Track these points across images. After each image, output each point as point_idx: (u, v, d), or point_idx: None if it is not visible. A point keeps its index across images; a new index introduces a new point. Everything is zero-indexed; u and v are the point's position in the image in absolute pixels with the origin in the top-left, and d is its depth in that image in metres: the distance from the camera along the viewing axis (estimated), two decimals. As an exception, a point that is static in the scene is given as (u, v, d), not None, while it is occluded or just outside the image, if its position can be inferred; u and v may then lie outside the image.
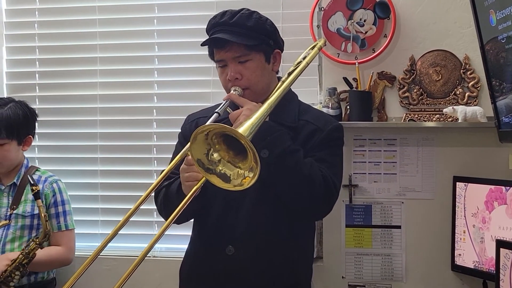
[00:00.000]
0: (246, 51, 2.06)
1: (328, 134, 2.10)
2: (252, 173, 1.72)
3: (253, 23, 2.07)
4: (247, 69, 2.08)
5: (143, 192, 3.12)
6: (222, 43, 2.06)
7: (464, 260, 2.76)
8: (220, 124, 1.75)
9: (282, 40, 2.23)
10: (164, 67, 3.27)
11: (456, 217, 2.79)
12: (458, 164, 2.87)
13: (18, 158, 2.89)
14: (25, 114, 2.88)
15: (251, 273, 2.08)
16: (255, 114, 1.83)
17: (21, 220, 2.81)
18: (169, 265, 3.01)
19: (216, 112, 1.97)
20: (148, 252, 1.82)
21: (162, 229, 1.87)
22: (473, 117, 2.71)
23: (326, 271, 2.97)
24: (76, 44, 3.33)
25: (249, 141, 1.67)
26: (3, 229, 2.81)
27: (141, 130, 3.27)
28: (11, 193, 2.87)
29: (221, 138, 1.79)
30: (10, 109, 2.82)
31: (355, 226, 2.98)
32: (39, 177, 2.92)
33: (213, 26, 2.11)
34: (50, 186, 2.90)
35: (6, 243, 2.78)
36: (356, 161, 2.96)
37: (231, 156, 1.80)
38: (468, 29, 2.81)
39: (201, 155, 1.79)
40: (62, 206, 2.92)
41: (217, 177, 1.79)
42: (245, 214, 2.08)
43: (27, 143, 2.91)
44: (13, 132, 2.80)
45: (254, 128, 1.76)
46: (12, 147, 2.82)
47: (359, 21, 2.92)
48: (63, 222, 2.90)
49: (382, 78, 2.91)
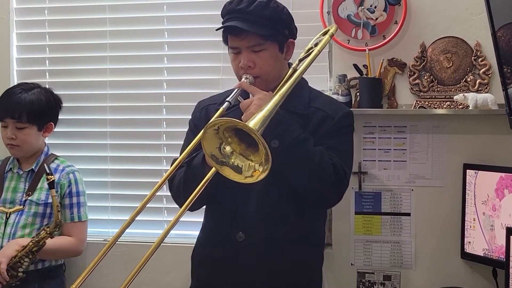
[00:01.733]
0: (261, 41, 2.06)
1: (338, 121, 2.11)
2: (263, 167, 1.72)
3: (270, 12, 2.06)
4: (260, 58, 2.08)
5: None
6: (237, 31, 2.05)
7: (473, 248, 2.75)
8: (230, 118, 1.74)
9: (296, 29, 2.22)
10: (174, 53, 3.26)
11: (466, 204, 2.79)
12: (468, 152, 2.85)
13: (38, 144, 2.91)
14: (49, 100, 2.91)
15: (261, 260, 2.09)
16: (266, 106, 1.83)
17: (35, 207, 2.82)
18: (179, 251, 3.03)
19: (227, 101, 1.97)
20: (167, 234, 1.80)
21: (188, 202, 1.84)
22: (484, 105, 2.69)
23: (335, 258, 2.97)
24: (86, 30, 3.33)
25: (260, 136, 1.67)
26: (17, 214, 2.82)
27: (150, 117, 3.27)
28: (29, 179, 2.89)
29: (232, 131, 1.79)
30: (34, 94, 2.85)
31: (364, 213, 2.98)
32: (57, 166, 2.94)
33: (229, 12, 2.10)
34: (67, 177, 2.91)
35: (18, 227, 2.80)
36: (366, 148, 2.95)
37: (243, 148, 1.80)
38: (480, 16, 2.79)
39: (213, 149, 1.79)
40: (77, 197, 2.92)
41: (230, 169, 1.79)
42: (256, 201, 2.09)
43: (48, 129, 2.94)
44: (34, 118, 2.83)
45: (265, 121, 1.76)
46: (33, 132, 2.85)
47: (370, 7, 2.90)
48: (76, 213, 2.91)
49: (392, 65, 2.89)
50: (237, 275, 2.12)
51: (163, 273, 3.12)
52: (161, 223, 3.22)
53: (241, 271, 2.11)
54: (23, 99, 2.81)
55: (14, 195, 2.86)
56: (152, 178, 3.22)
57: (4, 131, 2.86)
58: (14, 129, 2.82)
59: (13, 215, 2.82)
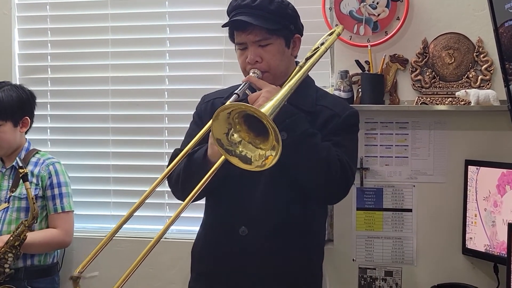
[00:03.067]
0: (267, 35, 2.07)
1: (345, 120, 2.12)
2: (274, 151, 1.72)
3: (275, 7, 2.07)
4: (267, 53, 2.09)
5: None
6: (243, 25, 2.07)
7: (475, 244, 2.76)
8: (244, 103, 1.75)
9: (302, 25, 2.23)
10: (176, 49, 3.27)
11: (468, 200, 2.79)
12: (470, 148, 2.86)
13: (16, 140, 2.90)
14: (20, 96, 2.89)
15: (263, 254, 2.09)
16: (276, 95, 1.83)
17: (17, 202, 2.83)
18: (180, 247, 3.04)
19: (235, 93, 1.98)
20: (167, 228, 1.81)
21: (190, 197, 1.82)
22: (485, 101, 2.69)
23: (337, 254, 2.98)
24: (87, 26, 3.33)
25: (271, 120, 1.68)
26: (3, 211, 2.83)
27: (152, 112, 3.27)
28: (12, 175, 2.90)
29: (242, 118, 1.79)
30: (4, 91, 2.85)
31: (366, 209, 2.98)
32: (37, 159, 2.94)
33: (235, 8, 2.11)
34: (47, 169, 2.90)
35: (4, 225, 2.81)
36: (368, 144, 2.95)
37: (252, 137, 1.80)
38: (482, 12, 2.79)
39: (221, 135, 1.79)
40: (58, 188, 2.90)
41: (237, 158, 1.79)
42: (259, 195, 2.09)
43: (24, 124, 2.92)
44: (7, 114, 2.83)
45: (276, 109, 1.77)
46: (8, 129, 2.85)
47: (372, 3, 2.90)
48: (59, 204, 2.89)
49: (394, 61, 2.89)
50: (239, 269, 2.12)
51: (164, 268, 3.12)
52: (163, 218, 3.23)
53: (243, 265, 2.11)
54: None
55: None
56: (154, 174, 3.22)
57: None
58: None
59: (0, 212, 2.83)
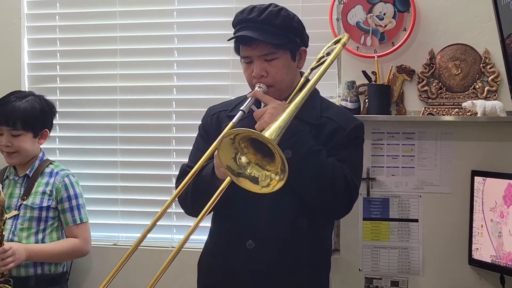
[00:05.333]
0: (273, 49, 2.06)
1: (349, 133, 2.11)
2: (279, 177, 1.73)
3: (281, 20, 2.06)
4: (273, 67, 2.08)
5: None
6: (249, 40, 2.06)
7: (481, 255, 2.75)
8: (247, 129, 1.74)
9: (308, 36, 2.22)
10: (184, 59, 3.28)
11: (474, 211, 2.79)
12: (476, 159, 2.86)
13: (33, 150, 2.93)
14: (43, 108, 2.93)
15: (271, 267, 2.10)
16: (281, 115, 1.83)
17: (30, 212, 2.85)
18: (187, 257, 3.02)
19: (241, 110, 1.98)
20: (185, 241, 1.88)
21: (201, 216, 1.89)
22: (492, 112, 2.69)
23: (343, 264, 2.98)
24: (96, 36, 3.36)
25: (276, 145, 1.67)
26: (13, 219, 2.84)
27: (160, 122, 3.29)
28: (24, 184, 2.92)
29: (248, 141, 1.79)
30: (28, 102, 2.87)
31: (372, 219, 2.98)
32: (51, 170, 2.95)
33: (240, 22, 2.10)
34: (62, 180, 2.92)
35: (15, 233, 2.82)
36: (374, 154, 2.96)
37: (259, 158, 1.80)
38: (489, 23, 2.79)
39: (229, 160, 1.79)
40: (75, 199, 2.94)
41: (247, 180, 1.79)
42: (267, 209, 2.08)
43: (43, 136, 2.95)
44: (29, 125, 2.86)
45: (281, 131, 1.77)
46: (27, 139, 2.87)
47: (379, 14, 2.92)
48: (77, 215, 2.93)
49: (401, 71, 2.90)
50: (246, 281, 2.12)
51: (170, 278, 3.12)
52: (170, 227, 3.24)
53: (250, 278, 2.11)
54: (18, 106, 2.83)
55: (10, 201, 2.88)
56: (161, 183, 3.25)
57: None
58: (10, 137, 2.84)
59: (9, 220, 2.82)
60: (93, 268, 3.22)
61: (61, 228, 2.96)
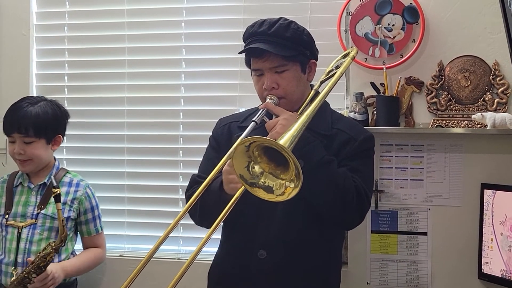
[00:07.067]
0: (283, 61, 2.09)
1: (360, 144, 2.13)
2: (294, 183, 1.73)
3: (291, 33, 2.09)
4: (283, 79, 2.10)
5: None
6: (259, 52, 2.08)
7: (491, 269, 2.73)
8: (262, 137, 1.75)
9: (317, 50, 2.25)
10: (191, 70, 3.28)
11: (484, 224, 2.76)
12: (486, 171, 2.84)
13: (47, 157, 2.88)
14: (55, 113, 2.88)
15: (282, 277, 2.10)
16: (294, 125, 1.85)
17: (49, 222, 2.81)
18: (195, 268, 3.00)
19: (253, 121, 2.01)
20: (198, 253, 1.89)
21: (213, 228, 1.90)
22: (502, 124, 2.67)
23: (351, 277, 2.96)
24: (104, 47, 3.37)
25: (290, 153, 1.69)
26: (29, 228, 2.80)
27: (167, 133, 3.28)
28: (40, 192, 2.86)
29: (262, 150, 1.80)
30: (40, 107, 2.82)
31: (380, 232, 2.96)
32: (70, 179, 2.93)
33: (251, 35, 2.13)
34: (85, 192, 2.91)
35: (33, 243, 2.78)
36: (383, 166, 2.94)
37: (272, 167, 1.81)
38: (499, 35, 2.78)
39: (242, 170, 1.80)
40: (97, 210, 2.97)
41: (261, 189, 1.81)
42: (278, 219, 2.10)
43: (56, 142, 2.90)
44: (42, 131, 2.80)
45: (294, 139, 1.78)
46: (41, 145, 2.82)
47: (387, 25, 2.91)
48: (99, 225, 2.97)
49: (409, 83, 2.89)
50: None
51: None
52: (177, 239, 3.22)
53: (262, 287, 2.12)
54: (29, 112, 2.77)
55: (25, 209, 2.83)
56: (168, 194, 3.24)
57: (12, 146, 2.82)
58: (22, 144, 2.78)
59: (25, 229, 2.79)
60: (99, 279, 3.20)
61: (74, 238, 2.95)
